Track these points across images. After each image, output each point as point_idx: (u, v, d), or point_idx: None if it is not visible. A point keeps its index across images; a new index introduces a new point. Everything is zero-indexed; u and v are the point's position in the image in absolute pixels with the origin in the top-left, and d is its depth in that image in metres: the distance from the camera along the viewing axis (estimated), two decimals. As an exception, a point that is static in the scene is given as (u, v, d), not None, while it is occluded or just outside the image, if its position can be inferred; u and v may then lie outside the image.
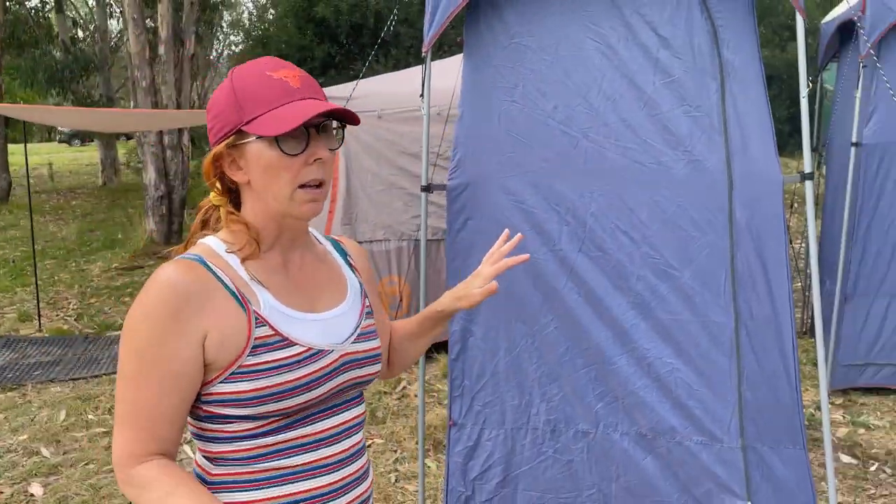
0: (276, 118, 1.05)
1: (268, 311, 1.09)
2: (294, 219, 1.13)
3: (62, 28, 14.90)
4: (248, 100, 1.07)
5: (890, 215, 3.97)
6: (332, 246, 1.31)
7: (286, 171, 1.07)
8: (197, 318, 1.04)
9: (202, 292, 1.05)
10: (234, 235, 1.13)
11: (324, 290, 1.20)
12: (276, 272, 1.15)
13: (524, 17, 2.47)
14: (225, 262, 1.10)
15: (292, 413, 1.10)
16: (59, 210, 13.00)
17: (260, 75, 1.08)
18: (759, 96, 2.35)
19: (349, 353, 1.17)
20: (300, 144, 1.07)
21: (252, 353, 1.06)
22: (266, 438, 1.10)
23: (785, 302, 2.36)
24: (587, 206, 2.46)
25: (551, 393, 2.56)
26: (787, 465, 2.39)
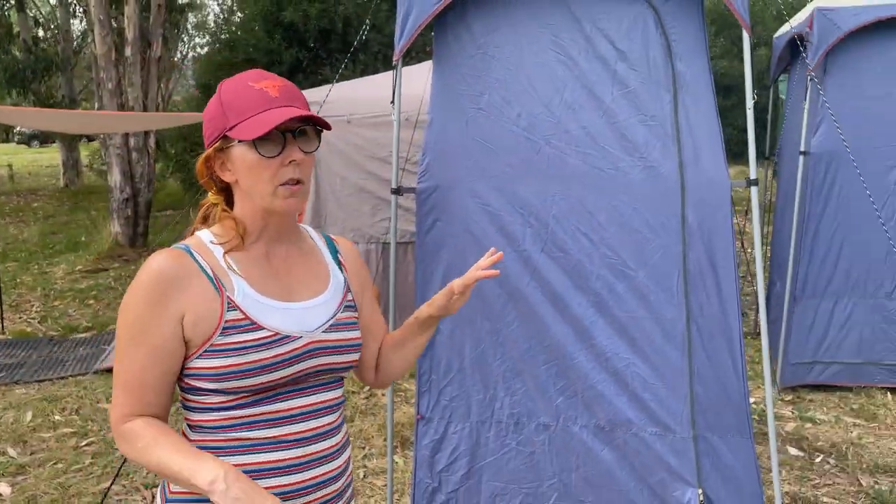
0: (254, 124, 1.18)
1: (241, 297, 1.22)
2: (277, 214, 1.26)
3: (23, 27, 14.66)
4: (231, 108, 1.21)
5: (835, 221, 4.18)
6: (324, 243, 1.43)
7: (265, 171, 1.21)
8: (177, 299, 1.19)
9: (184, 277, 1.20)
10: (223, 229, 1.28)
11: (303, 282, 1.31)
12: (258, 263, 1.27)
13: (490, 28, 2.59)
14: (210, 252, 1.25)
15: (259, 391, 1.22)
16: (19, 212, 12.77)
17: (243, 86, 1.22)
18: (709, 107, 2.50)
19: (319, 341, 1.27)
20: (277, 147, 1.20)
21: (223, 334, 1.19)
22: (235, 411, 1.22)
23: (733, 300, 2.51)
24: (549, 209, 2.58)
25: (515, 387, 2.68)
26: (735, 454, 2.54)
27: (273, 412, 1.24)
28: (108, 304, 6.83)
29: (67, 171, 16.21)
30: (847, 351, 4.28)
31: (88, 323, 6.28)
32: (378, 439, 3.86)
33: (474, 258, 2.63)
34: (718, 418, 2.55)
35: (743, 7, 2.37)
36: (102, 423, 4.18)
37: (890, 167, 4.12)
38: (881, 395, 4.22)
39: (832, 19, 4.07)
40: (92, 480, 3.53)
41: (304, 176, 1.25)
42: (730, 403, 2.54)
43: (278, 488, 1.23)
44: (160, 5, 9.02)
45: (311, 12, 11.31)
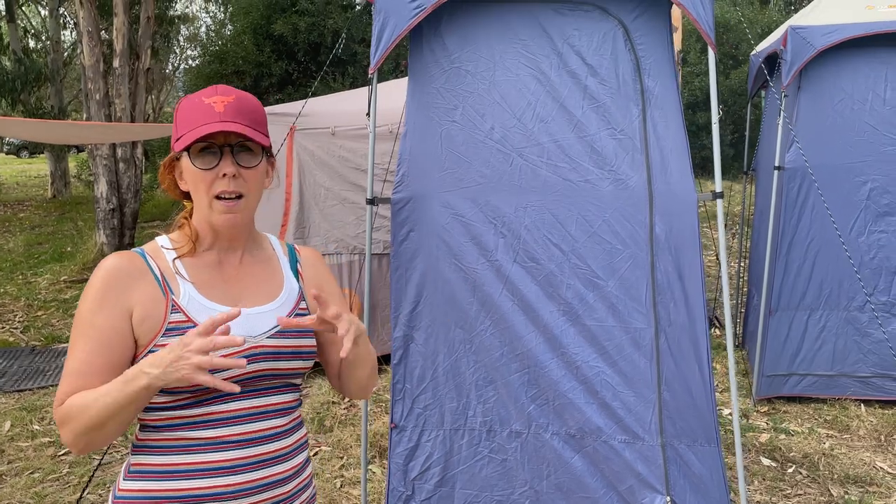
0: (188, 137, 1.24)
1: (186, 301, 1.27)
2: (216, 226, 1.31)
3: (13, 38, 14.67)
4: (181, 120, 1.28)
5: (809, 235, 4.25)
6: (285, 252, 1.46)
7: (202, 183, 1.27)
8: (125, 295, 1.25)
9: (133, 275, 1.26)
10: (180, 235, 1.35)
11: (253, 290, 1.35)
12: (208, 269, 1.33)
13: (464, 43, 2.65)
14: (162, 256, 1.31)
15: (201, 392, 1.24)
16: (5, 222, 12.73)
17: (197, 100, 1.28)
18: (676, 121, 2.57)
19: (263, 346, 1.30)
20: (213, 160, 1.26)
21: (165, 335, 1.24)
22: (178, 411, 1.26)
23: (700, 310, 2.56)
24: (521, 220, 2.63)
25: (487, 395, 2.71)
26: (703, 462, 2.58)
27: (217, 413, 1.26)
28: (91, 315, 6.82)
29: (55, 181, 16.17)
30: (821, 363, 4.34)
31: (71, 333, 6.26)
32: (356, 449, 3.88)
33: (448, 268, 2.68)
34: (686, 426, 2.60)
35: (708, 24, 2.44)
36: (81, 433, 4.17)
37: (862, 182, 4.20)
38: (854, 407, 4.27)
39: (805, 37, 4.16)
40: (69, 490, 3.53)
41: (246, 190, 1.28)
42: (697, 412, 2.59)
43: (222, 487, 1.25)
44: (149, 17, 9.07)
45: (301, 26, 11.41)
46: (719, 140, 2.56)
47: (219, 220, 1.28)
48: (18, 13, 15.81)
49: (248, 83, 12.02)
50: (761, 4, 17.68)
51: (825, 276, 4.26)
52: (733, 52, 14.89)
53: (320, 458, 3.82)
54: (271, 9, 11.83)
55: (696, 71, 13.88)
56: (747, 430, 4.03)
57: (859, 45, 4.14)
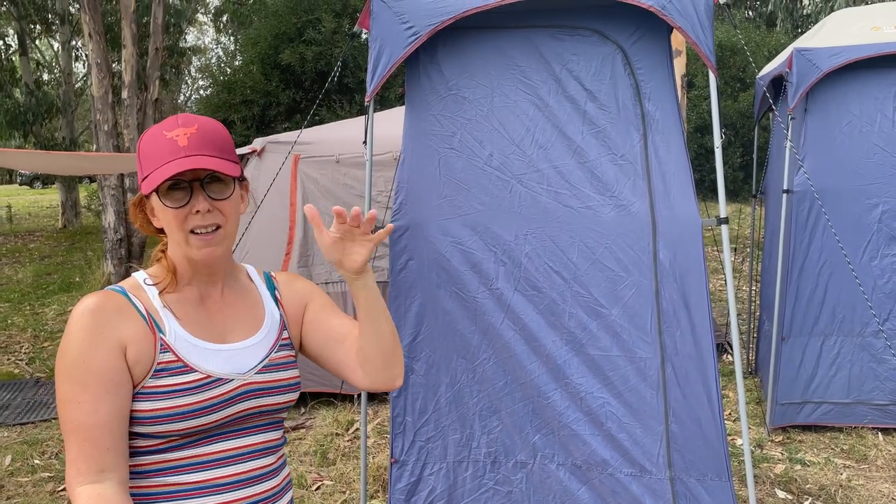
0: (155, 177, 1.17)
1: (173, 339, 1.21)
2: (195, 261, 1.24)
3: (26, 71, 14.90)
4: (145, 158, 1.21)
5: (820, 259, 4.17)
6: (263, 280, 1.39)
7: (174, 220, 1.20)
8: (116, 332, 1.16)
9: (120, 313, 1.18)
10: (159, 270, 1.28)
11: (237, 323, 1.30)
12: (192, 305, 1.26)
13: (461, 70, 2.62)
14: (144, 292, 1.24)
15: (189, 434, 1.19)
16: (15, 252, 12.80)
17: (156, 135, 1.20)
18: (678, 145, 2.52)
19: (252, 383, 1.24)
20: (184, 197, 1.19)
21: (154, 376, 1.17)
22: (165, 454, 1.19)
23: (707, 338, 2.49)
24: (522, 248, 2.58)
25: (491, 425, 2.64)
26: (713, 496, 2.49)
27: (205, 455, 1.21)
28: (97, 345, 6.79)
29: (66, 211, 16.29)
30: (836, 391, 4.22)
31: (76, 364, 6.23)
32: (359, 483, 3.79)
33: (448, 296, 2.63)
34: (696, 459, 2.51)
35: (708, 48, 2.40)
36: (81, 467, 4.11)
37: (873, 205, 4.12)
38: (872, 436, 4.15)
39: (811, 59, 4.12)
40: (66, 525, 3.47)
41: (223, 220, 1.22)
42: (707, 444, 2.50)
43: None
44: (157, 49, 9.17)
45: (308, 55, 11.51)
46: (725, 164, 2.50)
47: (197, 255, 1.22)
48: (31, 47, 16.07)
49: (257, 112, 12.12)
50: (768, 27, 17.73)
51: (838, 300, 4.16)
52: (741, 75, 14.88)
53: (322, 492, 3.73)
54: (279, 39, 11.96)
55: (703, 94, 13.87)
56: (761, 461, 3.92)
57: (866, 66, 4.09)
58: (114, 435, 1.14)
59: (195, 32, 24.96)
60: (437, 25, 2.50)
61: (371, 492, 3.69)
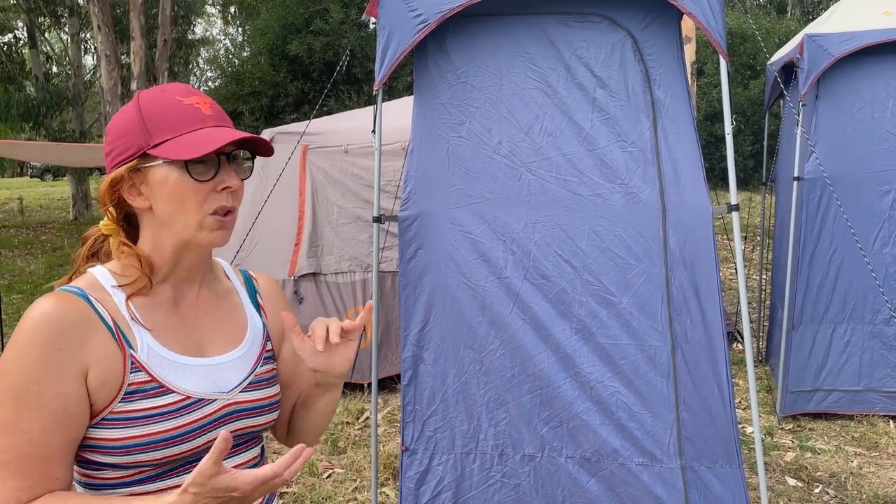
0: (187, 143, 1.02)
1: (146, 355, 1.03)
2: (200, 247, 1.09)
3: (35, 63, 14.95)
4: (156, 123, 1.04)
5: (831, 246, 4.14)
6: (242, 282, 1.24)
7: (194, 197, 1.04)
8: (78, 351, 0.98)
9: (82, 326, 0.99)
10: (124, 268, 1.08)
11: (216, 332, 1.14)
12: (164, 309, 1.09)
13: (470, 58, 2.61)
14: (109, 296, 1.05)
15: (166, 463, 1.04)
16: (28, 244, 12.89)
17: (170, 100, 1.06)
18: (688, 132, 2.50)
19: (236, 403, 1.10)
20: (210, 171, 1.05)
21: (124, 400, 1.00)
22: (137, 486, 1.04)
23: (718, 326, 2.48)
24: (531, 236, 2.57)
25: (499, 417, 2.64)
26: (724, 484, 2.49)
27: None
28: (109, 336, 6.84)
29: (77, 203, 16.38)
30: (847, 378, 4.21)
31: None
32: (370, 471, 3.81)
33: (457, 286, 2.62)
34: (706, 447, 2.50)
35: (719, 34, 2.38)
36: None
37: (885, 192, 4.09)
38: (883, 424, 4.13)
39: (822, 45, 4.07)
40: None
41: (237, 204, 1.09)
42: (717, 432, 2.49)
43: None
44: (166, 40, 9.19)
45: (316, 46, 11.50)
46: (735, 151, 2.48)
47: (209, 238, 1.06)
48: (40, 39, 16.12)
49: (265, 103, 12.12)
50: (778, 13, 17.55)
51: (849, 288, 4.14)
52: (751, 63, 14.76)
53: (333, 480, 3.76)
54: (287, 30, 11.95)
55: (713, 82, 13.77)
56: (772, 449, 3.91)
57: (878, 51, 4.05)
58: (62, 464, 0.99)
59: (203, 24, 24.96)
60: (445, 13, 2.49)
61: (381, 479, 3.71)
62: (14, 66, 14.82)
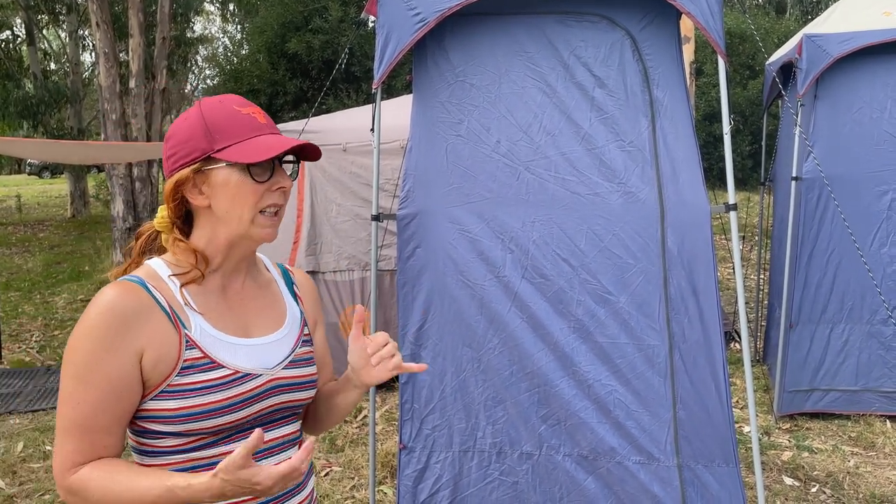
0: (249, 148, 1.16)
1: (199, 335, 1.17)
2: (252, 241, 1.22)
3: (33, 61, 14.93)
4: (218, 130, 1.17)
5: (829, 246, 4.15)
6: (280, 274, 1.38)
7: (251, 196, 1.18)
8: (135, 337, 1.12)
9: (140, 314, 1.13)
10: (178, 260, 1.22)
11: (260, 317, 1.27)
12: (214, 296, 1.22)
13: (469, 56, 2.61)
14: (165, 285, 1.18)
15: (219, 431, 1.16)
16: (25, 242, 12.88)
17: (230, 110, 1.19)
18: (687, 132, 2.50)
19: (278, 378, 1.23)
20: (266, 173, 1.19)
21: (180, 374, 1.13)
22: (194, 453, 1.16)
23: (716, 325, 2.49)
24: (529, 235, 2.58)
25: (496, 416, 2.65)
26: (721, 483, 2.49)
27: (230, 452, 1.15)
28: (107, 334, 6.84)
29: (75, 201, 16.36)
30: (844, 378, 4.21)
31: (86, 352, 6.28)
32: (368, 469, 3.81)
33: (455, 284, 2.63)
34: (703, 446, 2.51)
35: (718, 34, 2.38)
36: (92, 453, 4.15)
37: (883, 192, 4.10)
38: (880, 424, 4.14)
39: (821, 45, 4.08)
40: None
41: (286, 203, 1.23)
42: (714, 431, 2.50)
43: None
44: (164, 38, 9.17)
45: (315, 44, 11.48)
46: (734, 151, 2.49)
47: (261, 234, 1.20)
48: (38, 36, 16.09)
49: (263, 101, 12.11)
50: (777, 13, 17.57)
51: (847, 288, 4.14)
52: (750, 63, 14.76)
53: (331, 478, 3.76)
54: (286, 28, 11.93)
55: (712, 82, 13.77)
56: (769, 448, 3.92)
57: (877, 52, 4.05)
58: (112, 435, 1.13)
59: (202, 21, 24.93)
60: (444, 12, 2.49)
61: (379, 478, 3.71)
62: (12, 63, 14.78)
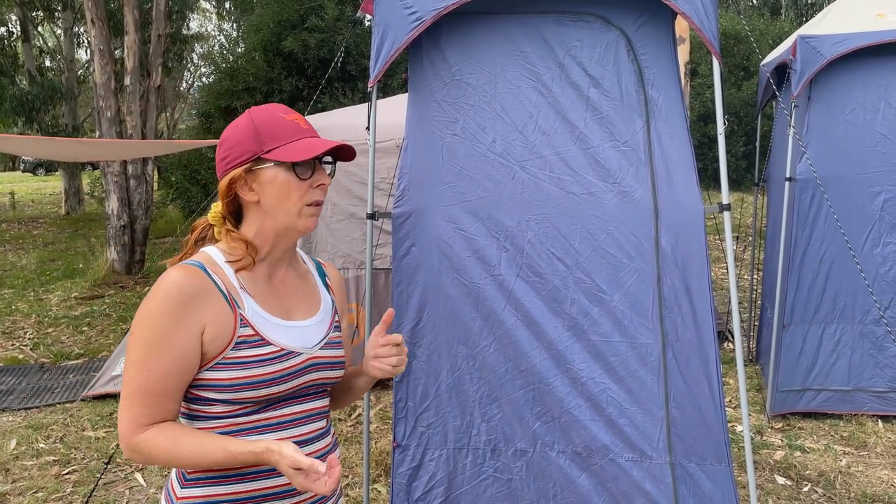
0: (294, 149, 1.32)
1: (251, 314, 1.33)
2: (297, 231, 1.38)
3: (28, 57, 14.87)
4: (266, 134, 1.34)
5: (822, 247, 4.18)
6: (314, 267, 1.55)
7: (297, 191, 1.34)
8: (198, 314, 1.28)
9: (203, 294, 1.29)
10: (231, 249, 1.38)
11: (300, 302, 1.44)
12: (262, 282, 1.39)
13: (465, 56, 2.62)
14: (221, 270, 1.35)
15: (263, 400, 1.33)
16: (19, 239, 12.83)
17: (276, 117, 1.36)
18: (681, 132, 2.52)
19: (316, 357, 1.39)
20: (309, 171, 1.35)
21: (235, 348, 1.30)
22: (237, 419, 1.33)
23: (709, 324, 2.50)
24: (524, 234, 2.59)
25: (491, 413, 2.66)
26: (713, 481, 2.51)
27: (271, 418, 1.35)
28: (101, 332, 6.83)
29: (69, 198, 16.32)
30: (837, 378, 4.24)
31: (81, 350, 6.27)
32: (362, 467, 3.82)
33: (450, 283, 2.64)
34: (696, 444, 2.53)
35: (712, 34, 2.40)
36: (86, 451, 4.15)
37: (876, 193, 4.12)
38: (872, 423, 4.17)
39: (815, 47, 4.10)
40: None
41: (323, 199, 1.39)
42: (707, 430, 2.51)
43: (276, 488, 1.34)
44: (160, 35, 9.15)
45: (311, 42, 11.46)
46: (728, 152, 2.50)
47: (305, 224, 1.36)
48: (34, 33, 16.03)
49: (259, 99, 12.08)
50: (772, 15, 17.63)
51: (839, 288, 4.17)
52: (745, 64, 14.81)
53: (325, 476, 3.76)
54: (281, 26, 11.91)
55: (707, 82, 13.81)
56: (761, 448, 3.94)
57: (870, 53, 4.08)
58: (174, 400, 1.30)
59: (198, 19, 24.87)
60: (440, 10, 2.50)
61: (373, 476, 3.72)
62: (7, 60, 14.72)
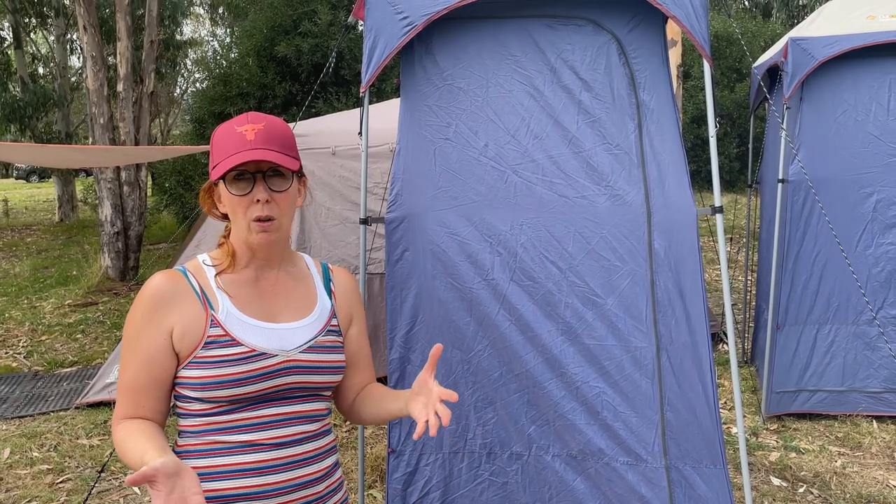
0: (223, 166, 1.31)
1: (224, 316, 1.36)
2: (252, 246, 1.39)
3: (21, 64, 14.83)
4: (216, 148, 1.35)
5: (815, 248, 4.19)
6: (319, 271, 1.54)
7: (238, 208, 1.35)
8: (168, 315, 1.34)
9: (176, 296, 1.35)
10: (220, 253, 1.44)
11: (289, 305, 1.44)
12: (246, 285, 1.42)
13: (456, 60, 2.62)
14: (203, 273, 1.41)
15: (235, 400, 1.34)
16: (12, 246, 12.78)
17: (229, 129, 1.35)
18: (673, 135, 2.52)
19: (294, 360, 1.38)
20: (247, 186, 1.34)
21: (205, 347, 1.33)
22: (214, 417, 1.35)
23: (703, 327, 2.50)
24: (517, 238, 2.59)
25: (486, 417, 2.65)
26: (709, 484, 2.51)
27: (248, 419, 1.36)
28: (95, 339, 6.79)
29: (63, 205, 16.26)
30: (831, 379, 4.25)
31: (74, 357, 6.24)
32: (357, 473, 3.80)
33: (444, 287, 2.63)
34: (691, 448, 2.52)
35: (703, 37, 2.40)
36: (80, 460, 4.13)
37: (868, 194, 4.14)
38: (867, 424, 4.17)
39: (806, 49, 4.12)
40: (65, 517, 3.48)
41: (278, 213, 1.35)
42: (702, 433, 2.51)
43: (255, 487, 1.34)
44: (153, 41, 9.13)
45: (304, 47, 11.46)
46: (721, 154, 2.51)
47: (255, 240, 1.36)
48: (26, 40, 15.99)
49: (253, 105, 12.07)
50: (763, 17, 17.70)
51: (833, 289, 4.18)
52: (737, 66, 14.86)
53: (321, 482, 3.75)
54: (275, 31, 11.91)
55: (700, 85, 13.84)
56: (756, 449, 3.94)
57: (861, 55, 4.10)
58: (149, 398, 1.34)
59: (191, 25, 24.86)
60: (432, 15, 2.50)
61: (368, 482, 3.71)
62: (-1, 66, 14.69)
